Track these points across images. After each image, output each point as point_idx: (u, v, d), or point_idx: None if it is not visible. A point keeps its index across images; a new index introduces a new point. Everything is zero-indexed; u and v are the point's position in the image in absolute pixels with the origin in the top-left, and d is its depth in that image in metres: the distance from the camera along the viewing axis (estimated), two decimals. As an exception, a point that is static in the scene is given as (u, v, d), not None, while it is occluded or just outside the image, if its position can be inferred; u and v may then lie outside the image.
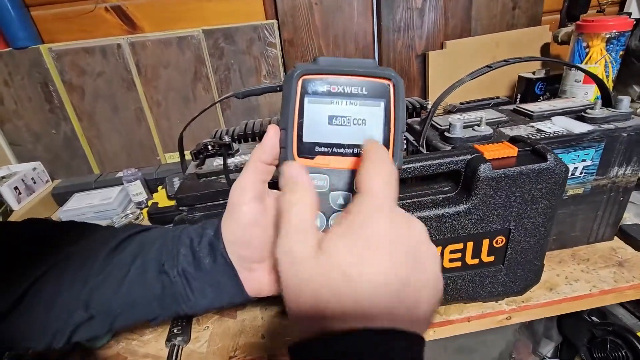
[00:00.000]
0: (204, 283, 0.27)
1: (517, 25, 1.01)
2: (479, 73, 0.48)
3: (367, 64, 0.23)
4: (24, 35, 0.88)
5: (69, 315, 0.26)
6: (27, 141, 0.99)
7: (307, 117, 0.23)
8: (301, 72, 0.23)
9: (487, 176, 0.38)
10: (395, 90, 0.23)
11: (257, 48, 0.95)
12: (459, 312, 0.48)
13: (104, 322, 0.27)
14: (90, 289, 0.27)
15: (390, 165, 0.21)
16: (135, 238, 0.29)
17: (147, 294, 0.27)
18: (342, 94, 0.23)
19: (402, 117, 0.24)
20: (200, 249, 0.27)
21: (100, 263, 0.27)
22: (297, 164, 0.23)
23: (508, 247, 0.43)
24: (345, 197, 0.24)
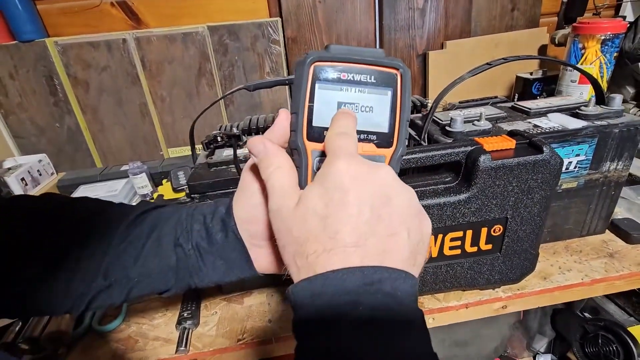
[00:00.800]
0: (216, 257, 0.28)
1: (516, 26, 1.04)
2: (479, 70, 0.50)
3: (377, 54, 0.25)
4: (30, 28, 0.89)
5: (90, 282, 0.28)
6: (30, 134, 1.00)
7: (317, 103, 0.24)
8: (313, 59, 0.24)
9: (487, 166, 0.40)
10: (403, 80, 0.25)
11: (261, 45, 0.96)
12: (458, 298, 0.50)
13: (122, 291, 0.29)
14: (110, 258, 0.28)
15: (346, 119, 0.24)
16: (152, 213, 0.31)
17: (163, 264, 0.28)
18: (352, 81, 0.24)
19: (407, 105, 0.25)
20: (213, 225, 0.28)
21: (120, 235, 0.29)
22: (257, 138, 0.25)
23: (505, 236, 0.45)
24: None
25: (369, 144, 0.25)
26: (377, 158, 0.25)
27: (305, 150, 0.25)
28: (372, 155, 0.25)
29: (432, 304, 0.50)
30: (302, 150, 0.25)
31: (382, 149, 0.25)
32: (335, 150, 0.22)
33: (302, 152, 0.25)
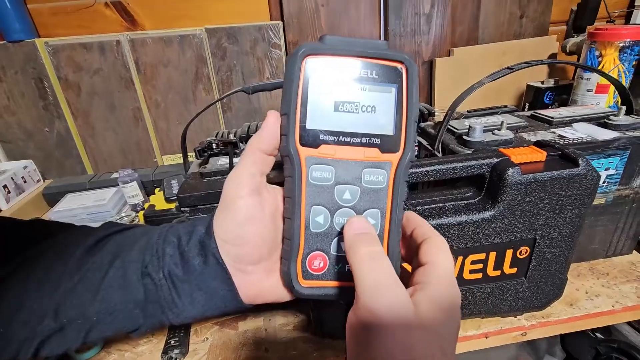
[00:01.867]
0: (193, 287, 0.24)
1: (524, 34, 1.01)
2: (499, 75, 0.47)
3: (379, 45, 0.21)
4: (19, 27, 0.84)
5: (36, 324, 0.23)
6: (18, 138, 0.95)
7: (312, 102, 0.21)
8: (306, 51, 0.21)
9: (516, 181, 0.35)
10: (409, 74, 0.22)
11: (260, 49, 0.93)
12: (476, 327, 0.45)
13: (78, 333, 0.24)
14: (63, 293, 0.23)
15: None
16: (116, 236, 0.26)
17: (128, 299, 0.24)
18: (351, 77, 0.21)
19: (415, 104, 0.22)
20: (189, 249, 0.24)
21: (75, 264, 0.24)
22: (362, 220, 0.22)
23: (532, 259, 0.40)
24: (352, 191, 0.22)
25: (373, 148, 0.22)
26: (382, 165, 0.22)
27: (299, 157, 0.21)
28: (377, 161, 0.22)
29: (448, 332, 0.45)
30: (295, 157, 0.21)
31: (388, 154, 0.22)
32: (449, 275, 0.21)
33: (294, 160, 0.21)
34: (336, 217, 0.22)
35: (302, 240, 0.22)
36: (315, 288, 0.23)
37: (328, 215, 0.22)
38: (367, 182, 0.22)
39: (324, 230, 0.22)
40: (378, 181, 0.22)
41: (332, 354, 0.44)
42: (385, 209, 0.22)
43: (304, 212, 0.22)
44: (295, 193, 0.22)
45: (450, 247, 0.38)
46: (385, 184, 0.22)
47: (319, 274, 0.23)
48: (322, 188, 0.22)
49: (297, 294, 0.23)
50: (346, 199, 0.22)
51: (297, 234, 0.22)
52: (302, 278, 0.23)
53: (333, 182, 0.22)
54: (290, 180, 0.22)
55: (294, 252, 0.22)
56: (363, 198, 0.22)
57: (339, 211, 0.22)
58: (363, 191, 0.22)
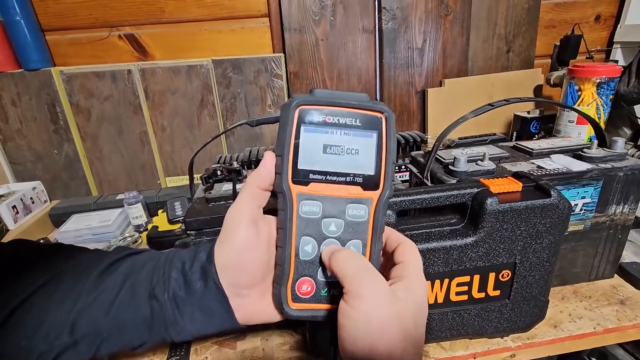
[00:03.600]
0: (194, 307, 0.26)
1: (511, 67, 1.07)
2: (481, 111, 0.51)
3: (361, 98, 0.25)
4: (37, 57, 0.90)
5: (54, 338, 0.25)
6: (27, 160, 0.99)
7: (303, 145, 0.24)
8: (298, 103, 0.24)
9: (494, 210, 0.39)
10: (387, 123, 0.25)
11: (263, 79, 0.98)
12: (465, 348, 0.48)
13: (90, 347, 0.26)
14: (79, 310, 0.26)
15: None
16: (127, 260, 0.29)
17: (136, 317, 0.26)
18: (337, 124, 0.24)
19: (393, 148, 0.25)
20: (192, 273, 0.26)
21: (91, 284, 0.27)
22: (364, 261, 0.25)
23: (514, 282, 0.43)
24: (337, 224, 0.25)
25: (356, 186, 0.25)
26: (363, 201, 0.25)
27: (291, 194, 0.24)
28: (359, 197, 0.25)
29: (437, 353, 0.47)
30: (287, 193, 0.24)
31: (369, 192, 0.25)
32: (419, 270, 0.25)
33: (287, 196, 0.24)
34: (323, 246, 0.25)
35: (292, 266, 0.25)
36: (303, 310, 0.25)
37: (315, 245, 0.25)
38: (350, 216, 0.25)
39: (312, 258, 0.25)
40: (360, 215, 0.25)
41: (327, 373, 0.45)
42: (366, 240, 0.25)
43: (294, 242, 0.25)
44: (287, 225, 0.25)
45: (437, 270, 0.41)
46: (367, 218, 0.25)
47: (306, 297, 0.25)
48: (311, 221, 0.25)
49: (286, 315, 0.25)
50: (332, 231, 0.25)
51: (287, 261, 0.25)
52: (292, 301, 0.25)
53: (320, 216, 0.25)
54: (282, 213, 0.25)
55: (284, 278, 0.25)
56: (347, 230, 0.25)
57: (325, 241, 0.25)
58: (347, 224, 0.25)
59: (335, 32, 0.98)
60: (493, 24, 1.03)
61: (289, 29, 0.96)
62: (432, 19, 0.98)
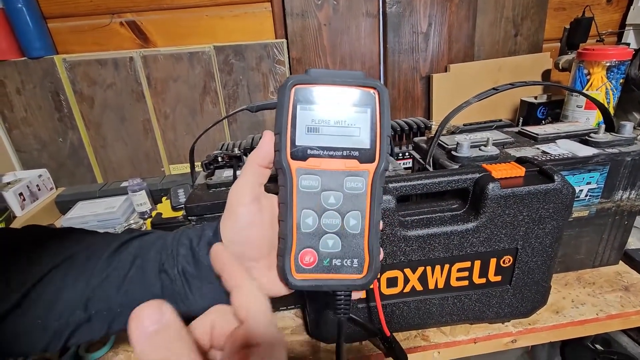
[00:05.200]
0: (203, 282, 0.27)
1: (519, 51, 1.04)
2: (485, 95, 0.50)
3: (356, 75, 0.25)
4: (39, 45, 0.90)
5: (69, 315, 0.26)
6: (33, 148, 1.00)
7: (299, 123, 0.25)
8: (293, 82, 0.25)
9: (496, 195, 0.38)
10: (380, 98, 0.25)
11: (265, 65, 0.97)
12: (465, 333, 0.48)
13: (103, 324, 0.27)
14: (92, 288, 0.27)
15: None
16: (136, 240, 0.30)
17: (147, 293, 0.27)
18: (332, 102, 0.25)
19: (386, 122, 0.26)
20: (199, 249, 0.27)
21: (103, 263, 0.28)
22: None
23: (515, 267, 0.43)
24: (336, 196, 0.26)
25: (353, 160, 0.26)
26: (360, 173, 0.26)
27: (290, 169, 0.25)
28: (356, 170, 0.26)
29: (437, 337, 0.47)
30: (287, 169, 0.25)
31: (365, 164, 0.26)
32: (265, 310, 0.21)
33: (286, 171, 0.25)
34: (323, 218, 0.26)
35: (295, 239, 0.26)
36: (306, 280, 0.26)
37: (316, 217, 0.26)
38: (348, 189, 0.26)
39: (313, 230, 0.26)
40: (358, 187, 0.26)
41: (327, 357, 0.46)
42: (364, 211, 0.26)
43: (296, 215, 0.26)
44: (287, 199, 0.26)
45: (437, 255, 0.41)
46: (364, 190, 0.26)
47: (309, 268, 0.26)
48: (311, 194, 0.26)
49: (290, 285, 0.26)
50: (331, 203, 0.26)
51: (290, 234, 0.26)
52: (295, 272, 0.26)
53: (320, 189, 0.26)
54: (283, 189, 0.26)
55: (287, 250, 0.26)
56: (345, 202, 0.26)
57: (325, 213, 0.26)
58: (345, 196, 0.26)
59: (339, 16, 0.96)
60: (500, 7, 1.00)
61: (291, 13, 0.94)
62: (438, 2, 0.96)
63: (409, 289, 0.44)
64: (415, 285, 0.43)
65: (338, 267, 0.26)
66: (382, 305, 0.42)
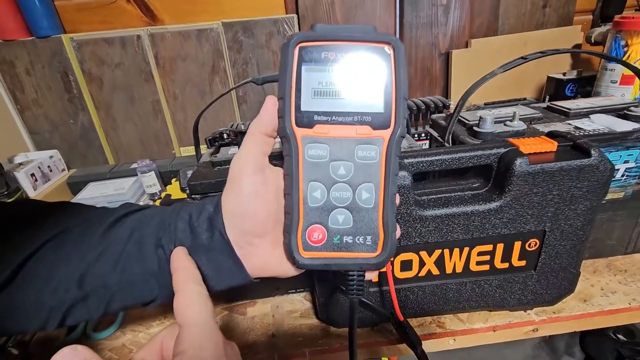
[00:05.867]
0: (202, 259, 0.26)
1: (547, 24, 0.97)
2: (512, 65, 0.45)
3: (366, 30, 0.23)
4: (46, 24, 0.88)
5: (64, 292, 0.25)
6: (45, 130, 1.00)
7: (305, 86, 0.23)
8: (297, 40, 0.22)
9: (523, 171, 0.35)
10: (396, 54, 0.22)
11: (275, 42, 0.93)
12: (484, 320, 0.45)
13: (100, 302, 0.26)
14: (87, 264, 0.25)
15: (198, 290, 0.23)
16: (134, 215, 0.28)
17: (144, 270, 0.26)
18: (341, 60, 0.22)
19: (403, 82, 0.23)
20: (198, 224, 0.26)
21: (98, 238, 0.26)
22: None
23: (542, 251, 0.39)
24: (346, 167, 0.23)
25: (365, 126, 0.23)
26: (374, 141, 0.23)
27: (295, 138, 0.23)
28: (369, 137, 0.23)
29: (454, 324, 0.45)
30: (291, 137, 0.23)
31: (379, 131, 0.23)
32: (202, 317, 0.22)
33: (291, 140, 0.23)
34: (332, 191, 0.23)
35: (302, 214, 0.24)
36: (315, 259, 0.24)
37: (325, 190, 0.23)
38: (360, 158, 0.23)
39: (322, 204, 0.24)
40: (371, 156, 0.23)
41: (337, 341, 0.44)
42: (379, 183, 0.23)
43: (302, 188, 0.23)
44: (293, 170, 0.23)
45: (456, 237, 0.38)
46: (378, 159, 0.23)
47: (318, 246, 0.24)
48: (318, 165, 0.23)
49: (298, 264, 0.24)
50: (341, 174, 0.23)
51: (296, 209, 0.24)
52: (303, 250, 0.24)
53: (328, 159, 0.23)
54: (288, 159, 0.23)
55: (294, 226, 0.24)
56: (357, 173, 0.23)
57: (334, 186, 0.23)
58: (357, 166, 0.23)
59: (352, -12, 0.91)
60: (528, -25, 0.92)
61: (302, -14, 0.89)
62: (459, -29, 0.89)
63: (424, 273, 0.41)
64: (431, 269, 0.41)
65: (349, 244, 0.24)
66: (396, 290, 0.40)
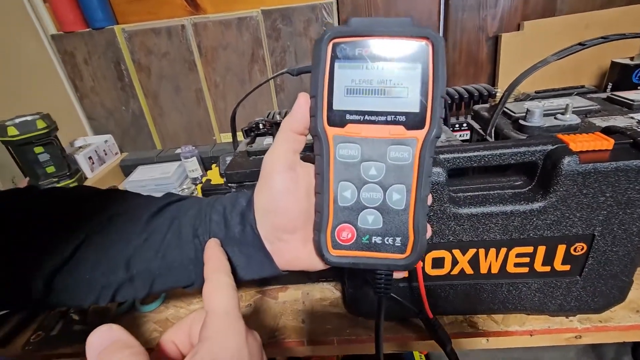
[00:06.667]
0: (234, 250, 0.27)
1: (614, 2, 0.87)
2: (569, 52, 0.41)
3: (403, 23, 0.21)
4: (101, 16, 0.94)
5: (112, 273, 0.27)
6: (101, 116, 1.09)
7: (337, 83, 0.22)
8: (331, 35, 0.22)
9: (572, 170, 0.32)
10: (434, 50, 0.21)
11: (314, 29, 0.93)
12: (520, 323, 0.43)
13: (144, 284, 0.28)
14: (133, 249, 0.28)
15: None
16: (174, 205, 0.30)
17: (183, 257, 0.27)
18: (375, 57, 0.22)
19: (441, 80, 0.22)
20: (231, 217, 0.27)
21: (142, 226, 0.28)
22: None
23: (589, 257, 0.37)
24: (377, 168, 0.23)
25: (398, 126, 0.22)
26: (407, 141, 0.22)
27: (326, 137, 0.23)
28: (402, 138, 0.22)
29: (487, 325, 0.43)
30: (323, 136, 0.23)
31: (413, 131, 0.22)
32: (226, 326, 0.21)
33: (322, 139, 0.23)
34: (363, 192, 0.23)
35: (331, 213, 0.24)
36: (343, 257, 0.24)
37: (355, 190, 0.23)
38: (392, 159, 0.23)
39: (352, 204, 0.24)
40: (403, 157, 0.23)
41: (364, 332, 0.45)
42: (410, 185, 0.23)
43: (332, 188, 0.24)
44: (324, 170, 0.23)
45: (493, 237, 0.36)
46: (411, 160, 0.23)
47: (347, 245, 0.24)
48: (349, 165, 0.23)
49: (327, 261, 0.25)
50: (372, 175, 0.23)
51: (326, 208, 0.24)
52: (332, 248, 0.24)
53: (359, 159, 0.23)
54: (319, 158, 0.24)
55: (323, 224, 0.24)
56: (388, 174, 0.23)
57: (365, 186, 0.23)
58: (388, 167, 0.23)
59: (394, -30, 0.87)
60: (596, -53, 0.83)
61: (342, -30, 0.87)
62: (514, -54, 0.82)
63: (457, 272, 0.40)
64: (464, 268, 0.39)
65: (378, 245, 0.24)
66: (426, 287, 0.39)
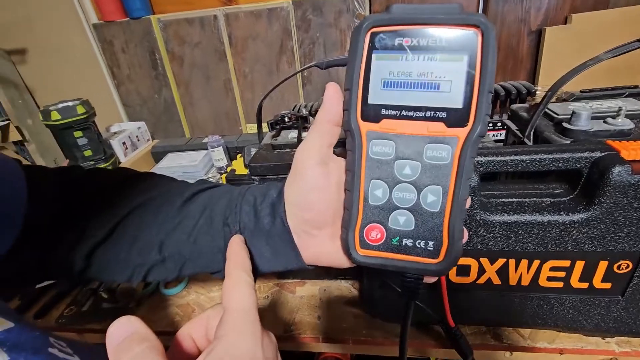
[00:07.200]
0: (262, 242, 0.27)
1: (680, -6, 0.78)
2: (626, 49, 0.37)
3: (450, 10, 0.19)
4: (139, 5, 0.97)
5: (146, 254, 0.28)
6: (135, 103, 1.12)
7: (374, 76, 0.21)
8: (370, 24, 0.20)
9: (623, 181, 0.29)
10: (484, 40, 0.19)
11: (344, 20, 0.90)
12: (550, 340, 0.40)
13: (175, 266, 0.29)
14: (165, 232, 0.28)
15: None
16: (207, 192, 0.30)
17: (212, 244, 0.28)
18: (417, 47, 0.20)
19: (489, 73, 0.19)
20: (262, 208, 0.27)
21: (176, 210, 0.29)
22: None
23: (634, 275, 0.33)
24: (412, 167, 0.21)
25: (438, 123, 0.20)
26: (447, 140, 0.21)
27: (360, 132, 0.21)
28: (441, 136, 0.21)
29: (513, 338, 0.41)
30: (356, 132, 0.21)
31: (454, 129, 0.20)
32: (242, 323, 0.21)
33: (355, 135, 0.21)
34: (395, 191, 0.22)
35: (361, 211, 0.23)
36: (371, 257, 0.23)
37: (387, 189, 0.22)
38: (429, 158, 0.21)
39: (382, 203, 0.22)
40: (442, 157, 0.21)
41: (381, 334, 0.44)
42: (447, 187, 0.21)
43: (363, 185, 0.22)
44: (355, 167, 0.22)
45: (525, 248, 0.34)
46: (450, 161, 0.21)
47: (375, 245, 0.23)
48: (382, 162, 0.22)
49: (354, 260, 0.24)
50: (406, 174, 0.22)
51: (355, 206, 0.23)
52: (360, 247, 0.23)
53: (393, 157, 0.22)
54: (351, 154, 0.22)
55: (352, 222, 0.23)
56: (424, 174, 0.22)
57: (397, 186, 0.22)
58: (424, 167, 0.21)
59: (433, -41, 0.83)
60: None
61: (378, -41, 0.84)
62: None
63: (483, 281, 0.38)
64: (492, 278, 0.37)
65: (409, 247, 0.22)
66: (449, 294, 0.38)
